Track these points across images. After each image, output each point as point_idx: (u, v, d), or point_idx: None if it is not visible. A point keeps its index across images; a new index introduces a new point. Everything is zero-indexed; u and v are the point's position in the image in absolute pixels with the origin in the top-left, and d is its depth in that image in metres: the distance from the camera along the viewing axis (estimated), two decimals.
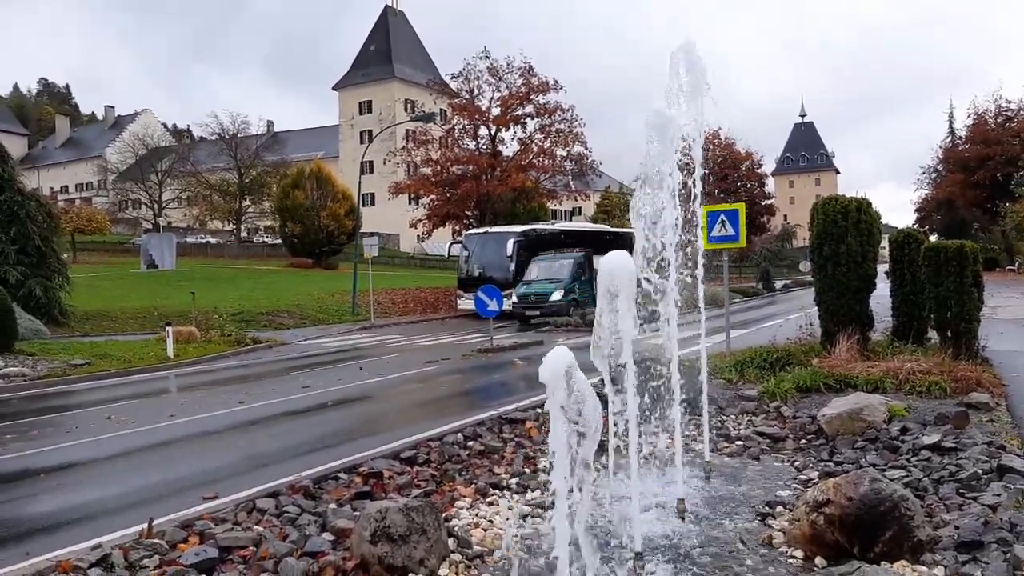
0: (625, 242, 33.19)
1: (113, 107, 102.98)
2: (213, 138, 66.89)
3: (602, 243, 33.40)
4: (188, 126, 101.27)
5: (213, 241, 64.22)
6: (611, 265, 3.83)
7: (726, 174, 62.53)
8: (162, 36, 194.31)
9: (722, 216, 12.24)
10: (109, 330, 22.24)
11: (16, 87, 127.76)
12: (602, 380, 3.93)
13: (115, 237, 61.03)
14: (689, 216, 5.43)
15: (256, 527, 4.89)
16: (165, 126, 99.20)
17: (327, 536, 4.71)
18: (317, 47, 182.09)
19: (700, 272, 5.69)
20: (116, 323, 23.32)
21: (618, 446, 4.71)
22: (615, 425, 4.30)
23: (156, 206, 69.32)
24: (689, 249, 5.47)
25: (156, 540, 4.70)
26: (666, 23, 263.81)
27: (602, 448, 6.50)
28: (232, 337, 20.27)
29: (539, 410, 8.10)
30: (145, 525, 4.90)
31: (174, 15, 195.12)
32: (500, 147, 37.97)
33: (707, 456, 6.19)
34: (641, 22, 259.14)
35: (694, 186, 5.57)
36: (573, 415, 2.89)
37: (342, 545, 4.56)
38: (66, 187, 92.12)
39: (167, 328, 17.44)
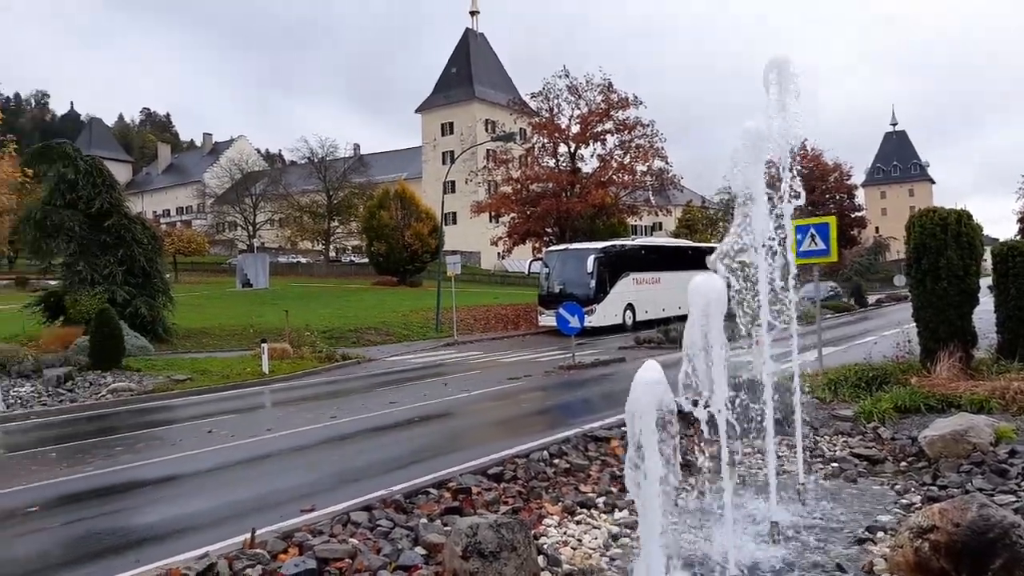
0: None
1: (211, 134, 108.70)
2: (303, 162, 69.56)
3: (685, 258, 32.95)
4: (280, 151, 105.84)
5: (303, 261, 66.64)
6: (701, 289, 3.82)
7: (813, 186, 60.54)
8: (255, 65, 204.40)
9: (812, 230, 11.91)
10: (208, 346, 23.33)
11: (121, 117, 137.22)
12: (692, 400, 3.91)
13: (213, 258, 64.14)
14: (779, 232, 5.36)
15: (351, 540, 5.04)
16: (259, 151, 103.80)
17: (419, 550, 4.82)
18: (403, 72, 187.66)
19: (792, 288, 5.58)
20: (215, 340, 24.45)
21: (709, 467, 4.66)
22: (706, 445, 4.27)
23: (250, 228, 72.42)
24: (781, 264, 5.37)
25: (258, 550, 4.90)
26: (749, 34, 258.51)
27: (692, 468, 6.43)
28: (323, 353, 20.93)
29: (624, 428, 8.05)
30: (248, 535, 5.12)
31: (267, 45, 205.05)
32: (580, 164, 38.06)
33: (801, 478, 6.02)
34: (724, 34, 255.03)
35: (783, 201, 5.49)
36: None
37: (434, 560, 4.66)
38: (168, 211, 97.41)
39: (262, 345, 18.18)
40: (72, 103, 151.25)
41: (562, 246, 31.61)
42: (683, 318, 3.74)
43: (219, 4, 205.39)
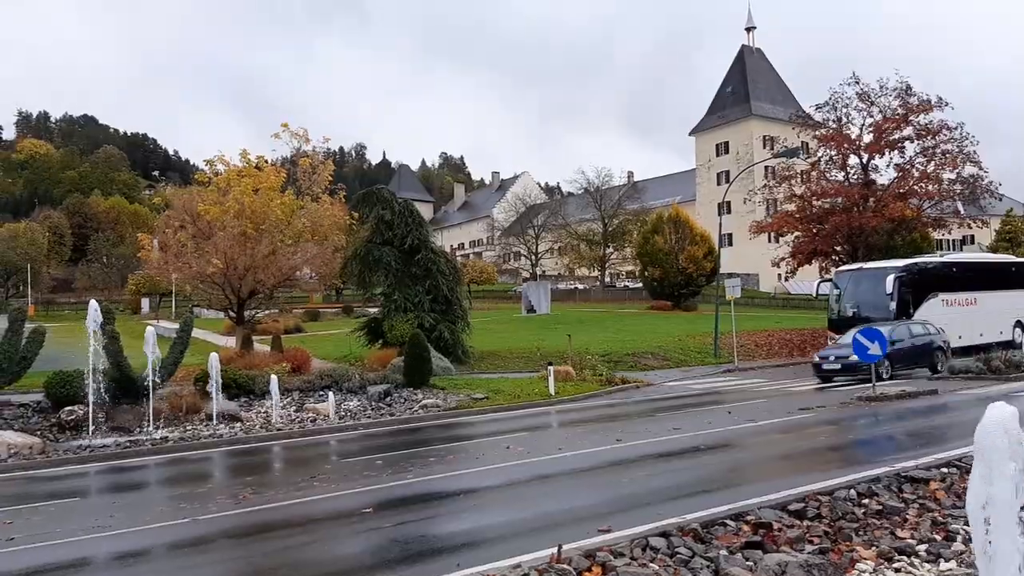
0: None
1: (498, 172, 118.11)
2: (580, 192, 72.38)
3: (1008, 276, 28.65)
4: (558, 183, 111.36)
5: (580, 287, 69.05)
6: None
7: None
8: (536, 102, 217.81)
9: None
10: (499, 368, 25.12)
11: (423, 162, 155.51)
12: None
13: (501, 285, 69.23)
14: None
15: (651, 565, 5.15)
16: (540, 185, 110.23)
17: None
18: (674, 96, 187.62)
19: None
20: (505, 361, 26.25)
21: None
22: None
23: (533, 257, 76.81)
24: None
25: (564, 566, 5.21)
26: None
27: None
28: (603, 377, 21.50)
29: (945, 470, 7.24)
30: (554, 550, 5.45)
31: (547, 82, 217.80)
32: (873, 176, 34.97)
33: None
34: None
35: None
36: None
37: None
38: (462, 244, 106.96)
39: (548, 367, 19.18)
40: (384, 152, 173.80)
41: (855, 265, 29.20)
42: (1007, 344, 3.30)
43: (503, 50, 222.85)
